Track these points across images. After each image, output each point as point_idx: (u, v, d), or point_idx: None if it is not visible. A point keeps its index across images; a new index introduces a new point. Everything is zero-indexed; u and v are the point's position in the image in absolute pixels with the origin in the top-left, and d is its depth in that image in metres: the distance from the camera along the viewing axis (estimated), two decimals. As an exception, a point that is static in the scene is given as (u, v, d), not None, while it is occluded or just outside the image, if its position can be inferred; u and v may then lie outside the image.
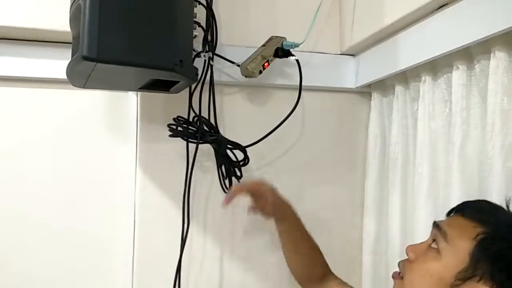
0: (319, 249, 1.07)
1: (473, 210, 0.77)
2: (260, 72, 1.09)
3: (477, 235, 0.71)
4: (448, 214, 0.83)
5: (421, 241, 0.82)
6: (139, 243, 1.17)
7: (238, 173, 1.15)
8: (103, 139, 1.21)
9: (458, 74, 0.98)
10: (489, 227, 0.71)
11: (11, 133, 1.16)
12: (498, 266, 0.68)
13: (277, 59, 1.13)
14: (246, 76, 1.12)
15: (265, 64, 1.09)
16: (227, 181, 1.15)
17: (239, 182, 1.17)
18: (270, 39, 1.13)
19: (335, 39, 1.31)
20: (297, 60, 1.07)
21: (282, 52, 1.07)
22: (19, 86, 1.16)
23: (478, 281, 0.69)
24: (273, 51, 1.07)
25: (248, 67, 1.09)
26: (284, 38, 1.10)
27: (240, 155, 1.16)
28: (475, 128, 0.95)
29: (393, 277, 0.82)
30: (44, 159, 1.17)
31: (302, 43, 1.07)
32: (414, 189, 1.09)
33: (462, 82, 0.97)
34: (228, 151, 1.14)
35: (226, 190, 1.16)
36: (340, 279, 1.07)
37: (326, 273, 1.08)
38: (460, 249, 0.71)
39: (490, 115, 0.89)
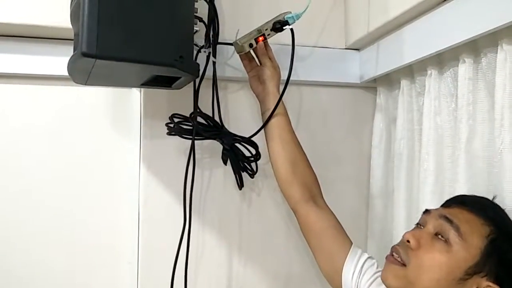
0: (308, 160, 1.06)
1: (477, 206, 0.79)
2: (251, 45, 1.05)
3: (489, 235, 0.74)
4: (448, 205, 0.83)
5: (415, 228, 0.83)
6: (143, 240, 1.17)
7: (250, 169, 1.14)
8: (107, 135, 1.21)
9: (465, 68, 0.96)
10: (497, 227, 0.75)
11: (14, 130, 1.16)
12: (504, 266, 0.72)
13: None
14: (238, 52, 1.08)
15: (259, 38, 1.04)
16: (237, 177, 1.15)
17: (252, 178, 1.16)
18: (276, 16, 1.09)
19: (340, 34, 1.29)
20: (291, 30, 1.03)
21: (280, 24, 1.03)
22: (22, 83, 1.16)
23: (483, 276, 0.73)
24: (271, 24, 1.04)
25: (238, 41, 1.06)
26: (289, 12, 1.07)
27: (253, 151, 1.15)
28: (482, 123, 0.94)
29: (390, 260, 0.80)
30: (47, 156, 1.17)
31: (304, 11, 1.02)
32: (420, 185, 1.07)
33: (468, 76, 0.95)
34: (241, 147, 1.13)
35: (239, 186, 1.15)
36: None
37: (318, 189, 1.05)
38: (472, 245, 0.74)
39: (499, 109, 0.87)
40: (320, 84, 1.28)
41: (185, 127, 1.07)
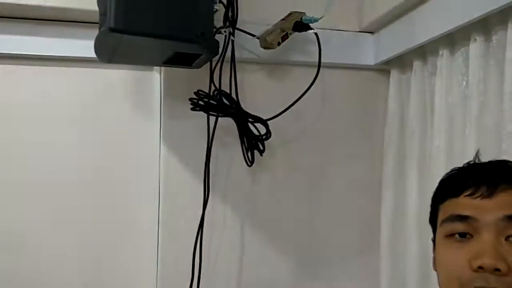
0: None
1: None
2: (279, 43, 1.11)
3: None
4: (479, 194, 0.63)
5: (457, 241, 0.64)
6: (163, 218, 1.21)
7: (261, 147, 1.18)
8: (127, 116, 1.25)
9: (475, 46, 0.98)
10: None
11: (37, 111, 1.20)
12: None
13: (296, 34, 1.15)
14: (264, 48, 1.14)
15: (284, 36, 1.11)
16: (249, 154, 1.19)
17: (261, 155, 1.20)
18: (290, 14, 1.14)
19: (353, 16, 1.32)
20: (315, 34, 1.08)
21: (301, 26, 1.08)
22: (44, 65, 1.20)
23: None
24: (292, 24, 1.09)
25: (267, 38, 1.11)
26: (304, 13, 1.12)
27: (262, 130, 1.18)
28: (493, 98, 0.96)
29: None
30: (69, 136, 1.21)
31: (321, 17, 1.08)
32: (432, 162, 1.10)
33: (479, 54, 0.98)
34: (251, 126, 1.17)
35: (249, 163, 1.19)
36: None
37: None
38: None
39: (510, 83, 0.89)
40: (335, 66, 1.31)
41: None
